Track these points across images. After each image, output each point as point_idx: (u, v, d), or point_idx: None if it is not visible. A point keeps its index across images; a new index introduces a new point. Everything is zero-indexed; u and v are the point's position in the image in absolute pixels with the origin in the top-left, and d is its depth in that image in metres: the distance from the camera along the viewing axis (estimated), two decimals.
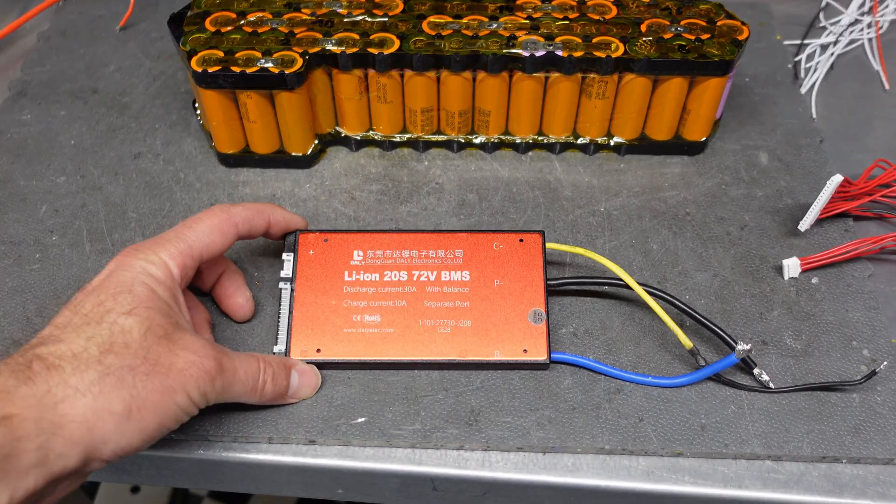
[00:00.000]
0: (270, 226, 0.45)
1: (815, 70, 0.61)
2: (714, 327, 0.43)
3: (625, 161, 0.54)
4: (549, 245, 0.46)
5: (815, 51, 0.62)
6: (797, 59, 0.62)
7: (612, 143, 0.54)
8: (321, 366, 0.43)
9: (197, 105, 0.56)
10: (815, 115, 0.58)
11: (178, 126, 0.57)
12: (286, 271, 0.45)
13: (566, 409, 0.42)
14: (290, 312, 0.44)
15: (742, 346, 0.41)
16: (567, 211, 0.51)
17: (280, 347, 0.43)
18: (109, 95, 0.59)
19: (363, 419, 0.41)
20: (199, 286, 0.46)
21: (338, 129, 0.54)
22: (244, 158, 0.53)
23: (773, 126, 0.57)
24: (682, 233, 0.50)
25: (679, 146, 0.54)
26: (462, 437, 0.41)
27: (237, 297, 0.45)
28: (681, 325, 0.45)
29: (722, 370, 0.42)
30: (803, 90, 0.60)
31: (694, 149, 0.54)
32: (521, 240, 0.46)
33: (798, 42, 0.63)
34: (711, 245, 0.49)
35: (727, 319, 0.46)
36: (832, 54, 0.61)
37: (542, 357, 0.42)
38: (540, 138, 0.54)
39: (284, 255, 0.46)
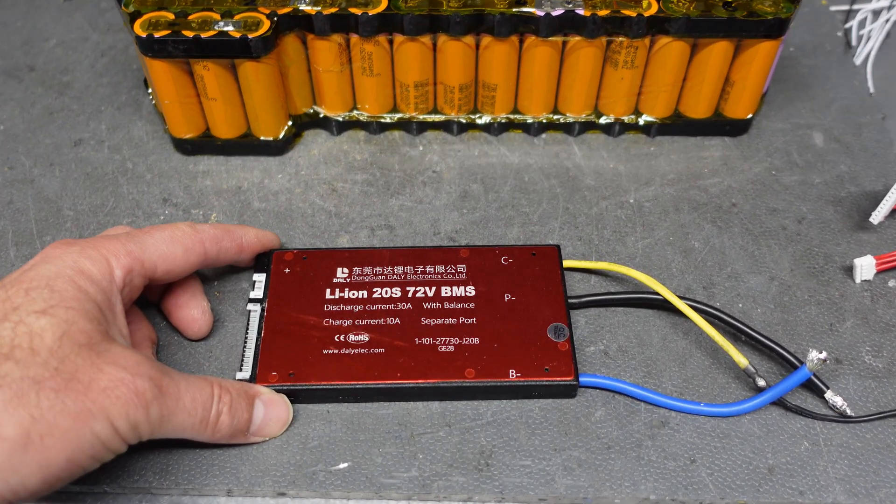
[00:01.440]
0: (242, 249, 0.37)
1: (868, 38, 0.52)
2: (775, 346, 0.35)
3: (655, 143, 0.46)
4: (568, 263, 0.39)
5: (866, 17, 0.54)
6: (847, 26, 0.54)
7: (640, 123, 0.46)
8: (295, 395, 0.35)
9: (148, 83, 0.47)
10: (872, 90, 0.50)
11: (127, 108, 0.48)
12: (256, 292, 0.37)
13: (599, 449, 0.34)
14: (259, 334, 0.36)
15: (816, 355, 0.33)
16: (590, 203, 0.43)
17: (244, 374, 0.35)
18: (48, 73, 0.50)
19: (346, 465, 0.33)
20: (145, 294, 0.38)
21: (315, 108, 0.46)
22: (204, 144, 0.45)
23: (826, 102, 0.48)
24: (729, 227, 0.42)
25: (719, 125, 0.46)
26: (470, 487, 0.32)
27: (191, 308, 0.37)
28: (734, 341, 0.37)
29: (790, 391, 0.34)
30: (857, 61, 0.52)
31: (737, 128, 0.46)
32: (534, 253, 0.38)
33: (846, 8, 0.55)
34: (765, 242, 0.41)
35: (790, 333, 0.37)
36: (887, 21, 0.53)
37: (567, 378, 0.34)
38: (555, 118, 0.46)
39: (255, 275, 0.38)
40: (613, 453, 0.34)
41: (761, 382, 0.34)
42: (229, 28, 0.40)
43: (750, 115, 0.45)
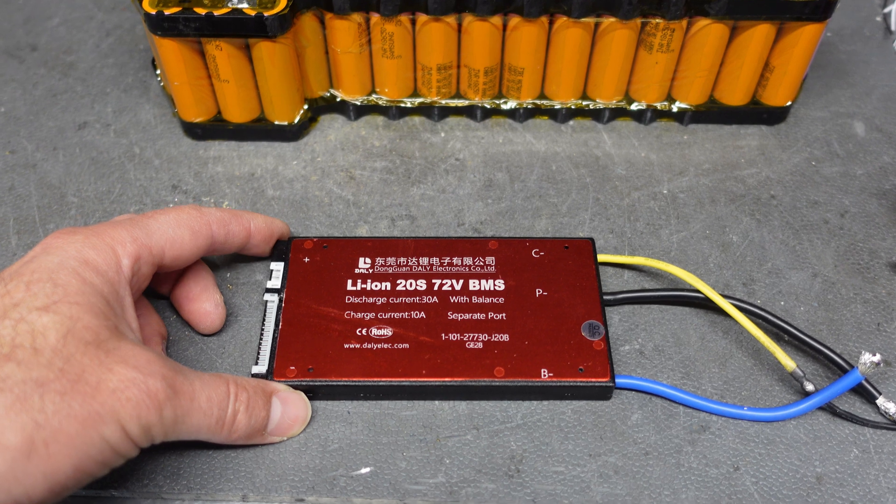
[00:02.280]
0: (252, 234, 0.35)
1: None
2: (823, 347, 0.33)
3: (688, 132, 0.44)
4: (601, 258, 0.36)
5: None
6: (886, 10, 0.51)
7: (673, 110, 0.43)
8: (314, 392, 0.33)
9: (157, 63, 0.45)
10: None
11: (134, 90, 0.46)
12: (273, 282, 0.35)
13: (637, 455, 0.32)
14: (277, 326, 0.34)
15: (869, 358, 0.31)
16: (622, 193, 0.41)
17: (260, 369, 0.33)
18: (52, 53, 0.48)
19: (368, 469, 0.31)
20: (155, 287, 0.36)
21: (332, 91, 0.44)
22: (215, 129, 0.43)
23: (866, 89, 0.46)
24: (768, 221, 0.40)
25: (756, 113, 0.44)
26: (500, 494, 0.31)
27: (203, 301, 0.35)
28: (778, 341, 0.35)
29: (839, 395, 0.32)
30: None
31: (774, 116, 0.44)
32: (567, 246, 0.36)
33: None
34: (806, 236, 0.39)
35: (835, 333, 0.35)
36: None
37: (603, 379, 0.32)
38: (584, 104, 0.43)
39: (273, 264, 0.36)
40: (652, 459, 0.32)
41: (809, 387, 0.32)
42: (244, 5, 0.37)
43: (789, 103, 0.43)
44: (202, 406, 0.28)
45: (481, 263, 0.36)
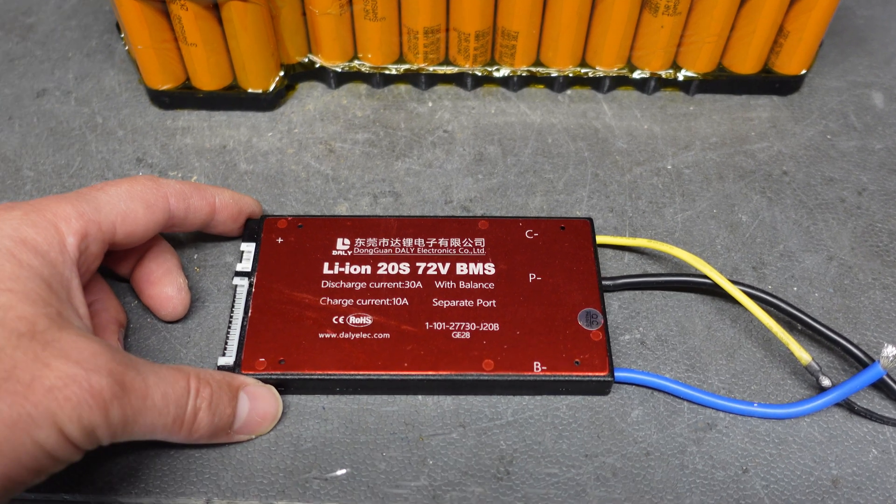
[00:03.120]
0: (216, 210, 0.32)
1: None
2: (840, 339, 0.31)
3: (695, 102, 0.41)
4: (600, 239, 0.33)
5: None
6: None
7: (679, 78, 0.40)
8: (285, 386, 0.30)
9: (120, 26, 0.41)
10: None
11: (97, 54, 0.43)
12: (244, 265, 0.32)
13: (637, 455, 0.29)
14: (246, 313, 0.31)
15: (891, 351, 0.28)
16: (622, 169, 0.38)
17: (227, 360, 0.30)
18: (9, 14, 0.45)
19: (344, 471, 0.29)
20: (113, 268, 0.33)
21: (311, 57, 0.40)
22: (184, 97, 0.39)
23: (886, 58, 0.43)
24: (780, 199, 0.37)
25: (768, 82, 0.40)
26: (488, 499, 0.28)
27: (165, 284, 0.32)
28: (791, 330, 0.32)
29: (858, 391, 0.30)
30: None
31: (787, 86, 0.41)
32: (563, 227, 0.33)
33: None
34: (821, 215, 0.36)
35: (852, 322, 0.33)
36: None
37: (601, 373, 0.29)
38: (583, 71, 0.40)
39: (244, 245, 0.33)
40: (653, 460, 0.29)
41: (826, 382, 0.30)
42: None
43: (803, 72, 0.40)
44: (156, 404, 0.25)
45: (470, 245, 0.33)
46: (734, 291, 0.31)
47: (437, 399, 0.30)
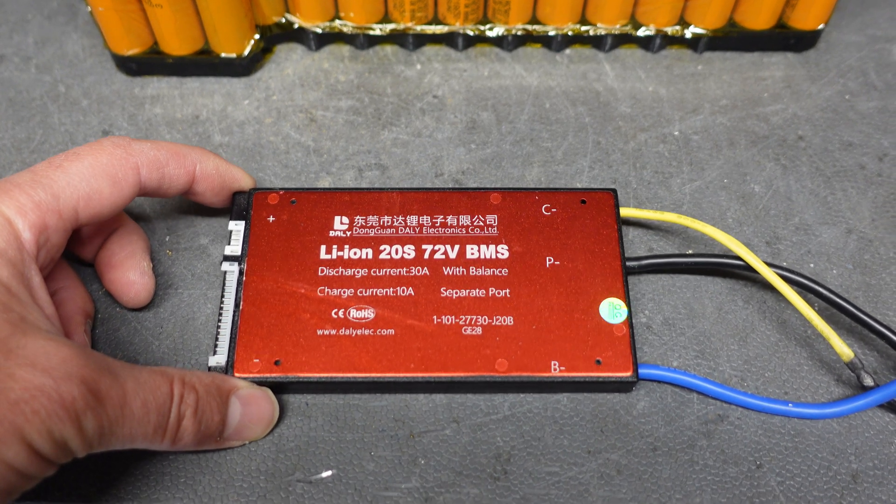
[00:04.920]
0: (196, 179, 0.29)
1: None
2: (890, 332, 0.28)
3: (703, 61, 0.38)
4: (624, 212, 0.31)
5: None
6: None
7: (686, 36, 0.37)
8: (282, 388, 0.28)
9: None
10: None
11: (59, 17, 0.39)
12: (233, 247, 0.30)
13: (643, 451, 0.27)
14: (237, 306, 0.28)
15: None
16: (626, 136, 0.35)
17: (219, 360, 0.28)
18: None
19: (330, 472, 0.27)
20: (76, 251, 0.30)
21: (288, 17, 0.37)
22: (152, 63, 0.37)
23: None
24: (796, 166, 0.34)
25: (782, 38, 0.38)
26: (484, 500, 0.26)
27: (128, 269, 0.30)
28: (828, 320, 0.30)
29: None
30: None
31: (803, 42, 0.38)
32: (584, 200, 0.30)
33: None
34: (839, 184, 0.34)
35: (873, 300, 0.31)
36: None
37: (625, 373, 0.27)
38: (583, 29, 0.37)
39: (232, 224, 0.30)
40: (660, 456, 0.27)
41: (868, 381, 0.27)
42: None
43: (821, 26, 0.37)
44: (135, 412, 0.23)
45: (481, 223, 0.30)
46: (771, 276, 0.28)
47: (428, 395, 0.28)
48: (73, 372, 0.22)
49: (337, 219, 0.31)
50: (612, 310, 0.28)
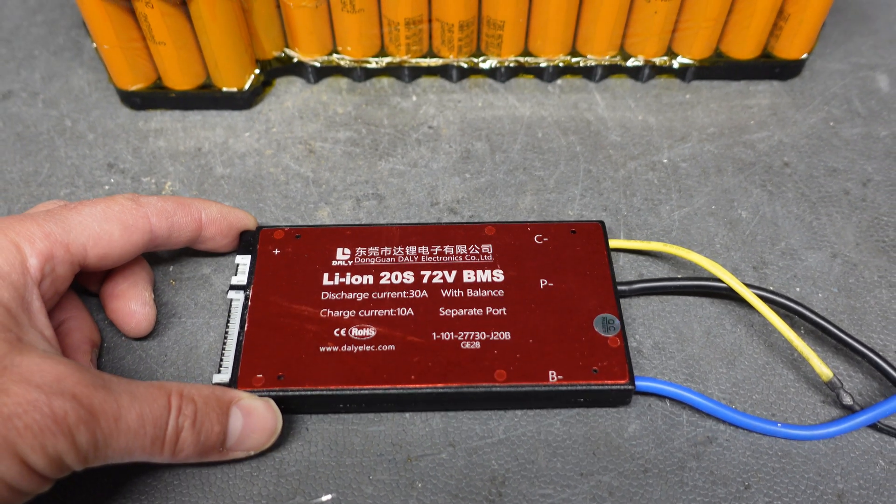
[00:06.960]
0: (203, 226, 0.31)
1: None
2: (872, 354, 0.29)
3: (691, 90, 0.39)
4: (613, 243, 0.32)
5: None
6: None
7: (674, 66, 0.38)
8: (285, 403, 0.29)
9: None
10: None
11: (65, 52, 0.41)
12: (239, 277, 0.31)
13: (635, 472, 0.28)
14: (242, 327, 0.29)
15: None
16: (616, 164, 0.36)
17: (223, 377, 0.28)
18: None
19: (330, 497, 0.27)
20: (82, 282, 0.31)
21: (287, 51, 0.38)
22: (156, 97, 0.38)
23: (891, 36, 0.41)
24: (781, 192, 0.35)
25: (768, 67, 0.39)
26: None
27: (129, 299, 0.30)
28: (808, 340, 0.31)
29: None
30: None
31: (788, 71, 0.39)
32: (574, 230, 0.32)
33: None
34: (824, 209, 0.35)
35: (857, 323, 0.31)
36: None
37: (621, 381, 0.28)
38: (574, 60, 0.38)
39: (238, 258, 0.32)
40: (651, 478, 0.28)
41: (847, 399, 0.28)
42: None
43: (805, 55, 0.38)
44: (131, 425, 0.24)
45: (477, 252, 0.31)
46: (752, 299, 0.29)
47: (426, 417, 0.29)
48: (66, 388, 0.23)
49: (339, 250, 0.32)
50: (606, 324, 0.29)
